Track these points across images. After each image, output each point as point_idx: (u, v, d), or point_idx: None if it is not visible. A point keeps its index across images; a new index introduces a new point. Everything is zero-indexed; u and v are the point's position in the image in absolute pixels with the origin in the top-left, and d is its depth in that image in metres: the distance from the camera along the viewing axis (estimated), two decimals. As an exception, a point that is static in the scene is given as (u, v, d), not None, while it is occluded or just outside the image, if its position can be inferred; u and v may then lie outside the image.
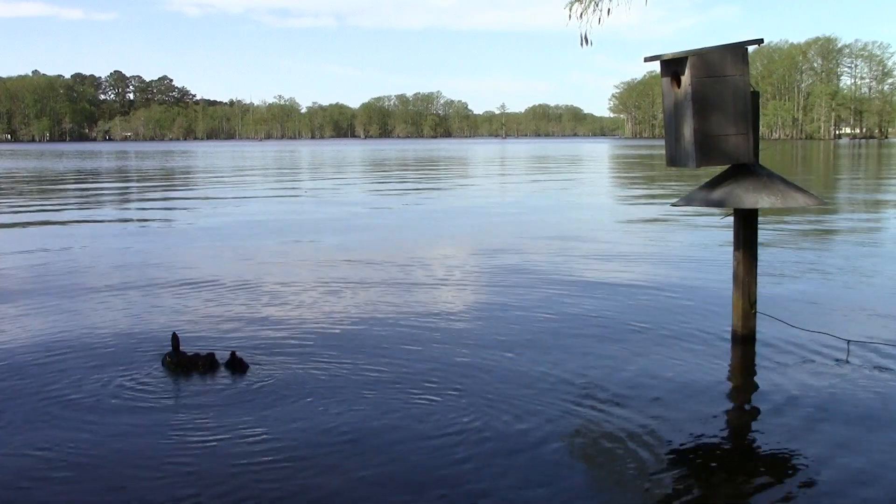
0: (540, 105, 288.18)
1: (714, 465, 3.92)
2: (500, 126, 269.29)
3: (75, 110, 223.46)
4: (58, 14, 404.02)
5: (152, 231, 14.03)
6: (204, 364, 5.41)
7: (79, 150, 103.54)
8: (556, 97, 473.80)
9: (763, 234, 8.93)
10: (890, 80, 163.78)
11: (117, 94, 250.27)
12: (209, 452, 4.01)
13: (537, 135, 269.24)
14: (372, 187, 26.70)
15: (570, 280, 8.58)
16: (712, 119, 5.37)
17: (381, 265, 9.62)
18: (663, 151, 5.89)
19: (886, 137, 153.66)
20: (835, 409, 4.59)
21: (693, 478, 3.77)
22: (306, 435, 4.23)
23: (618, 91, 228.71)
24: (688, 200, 5.82)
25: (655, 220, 15.28)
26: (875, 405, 4.66)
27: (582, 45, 10.31)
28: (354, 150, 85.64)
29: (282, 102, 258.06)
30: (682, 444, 4.13)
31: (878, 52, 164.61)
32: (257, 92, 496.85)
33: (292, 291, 8.06)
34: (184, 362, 5.44)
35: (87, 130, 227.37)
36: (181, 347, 5.56)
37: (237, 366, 5.41)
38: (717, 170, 5.74)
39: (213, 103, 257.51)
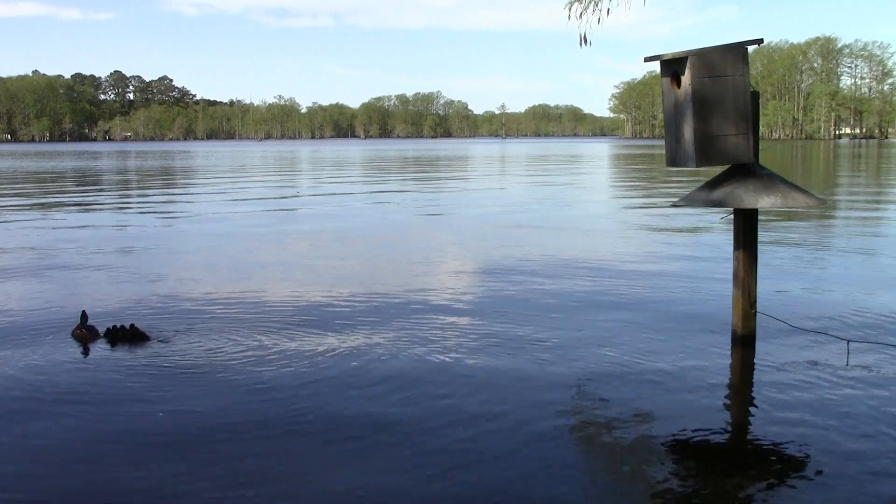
0: (540, 105, 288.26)
1: (713, 465, 3.92)
2: (501, 126, 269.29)
3: (75, 110, 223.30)
4: (56, 14, 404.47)
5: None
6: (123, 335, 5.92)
7: (83, 150, 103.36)
8: (555, 97, 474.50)
9: (763, 234, 8.93)
10: (890, 80, 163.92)
11: (117, 94, 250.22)
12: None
13: (537, 135, 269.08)
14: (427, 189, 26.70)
15: (565, 278, 8.58)
16: (712, 119, 5.37)
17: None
18: (663, 151, 5.89)
19: (886, 137, 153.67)
20: (834, 410, 4.58)
21: (691, 478, 3.77)
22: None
23: (618, 91, 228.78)
24: (688, 201, 5.82)
25: (654, 219, 15.28)
26: (875, 405, 4.66)
27: (581, 45, 10.30)
28: (364, 151, 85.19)
29: (282, 102, 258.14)
30: (680, 445, 4.13)
31: (878, 52, 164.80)
32: (257, 92, 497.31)
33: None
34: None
35: (87, 130, 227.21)
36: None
37: (136, 337, 5.92)
38: (718, 170, 5.75)
39: (213, 103, 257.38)
